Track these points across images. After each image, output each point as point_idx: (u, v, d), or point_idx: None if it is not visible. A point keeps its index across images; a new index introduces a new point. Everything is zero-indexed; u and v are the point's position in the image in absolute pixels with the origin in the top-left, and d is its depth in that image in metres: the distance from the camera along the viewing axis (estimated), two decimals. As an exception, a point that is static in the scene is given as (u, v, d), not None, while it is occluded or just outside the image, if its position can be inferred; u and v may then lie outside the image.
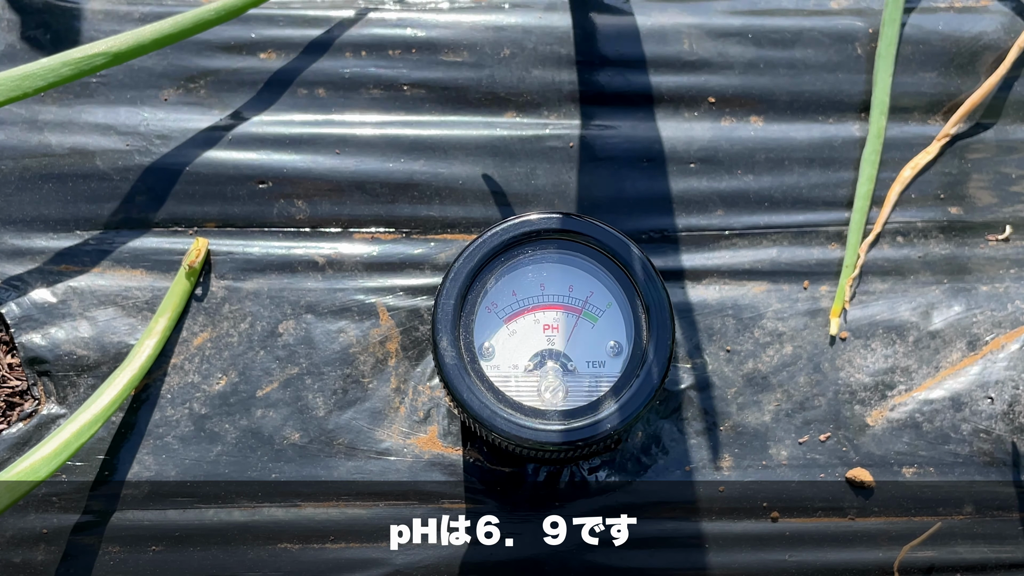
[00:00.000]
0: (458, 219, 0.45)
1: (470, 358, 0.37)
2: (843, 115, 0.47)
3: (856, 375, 0.43)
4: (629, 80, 0.47)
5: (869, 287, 0.45)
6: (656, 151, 0.46)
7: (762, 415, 0.43)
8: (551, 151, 0.46)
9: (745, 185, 0.46)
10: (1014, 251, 0.45)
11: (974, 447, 0.43)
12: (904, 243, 0.45)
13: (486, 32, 0.48)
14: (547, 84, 0.47)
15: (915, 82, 0.47)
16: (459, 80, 0.47)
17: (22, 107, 0.45)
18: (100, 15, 0.47)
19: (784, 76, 0.47)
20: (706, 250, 0.45)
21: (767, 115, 0.47)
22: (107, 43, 0.42)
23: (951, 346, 0.44)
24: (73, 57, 0.42)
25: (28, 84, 0.41)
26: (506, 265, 0.39)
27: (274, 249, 0.44)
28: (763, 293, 0.44)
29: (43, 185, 0.45)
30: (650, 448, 0.42)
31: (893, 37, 0.47)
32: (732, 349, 0.44)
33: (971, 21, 0.48)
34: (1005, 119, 0.47)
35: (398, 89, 0.47)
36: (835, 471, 0.42)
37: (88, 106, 0.46)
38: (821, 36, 0.48)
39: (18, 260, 0.44)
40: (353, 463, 0.42)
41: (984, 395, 0.43)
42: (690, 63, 0.47)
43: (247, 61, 0.47)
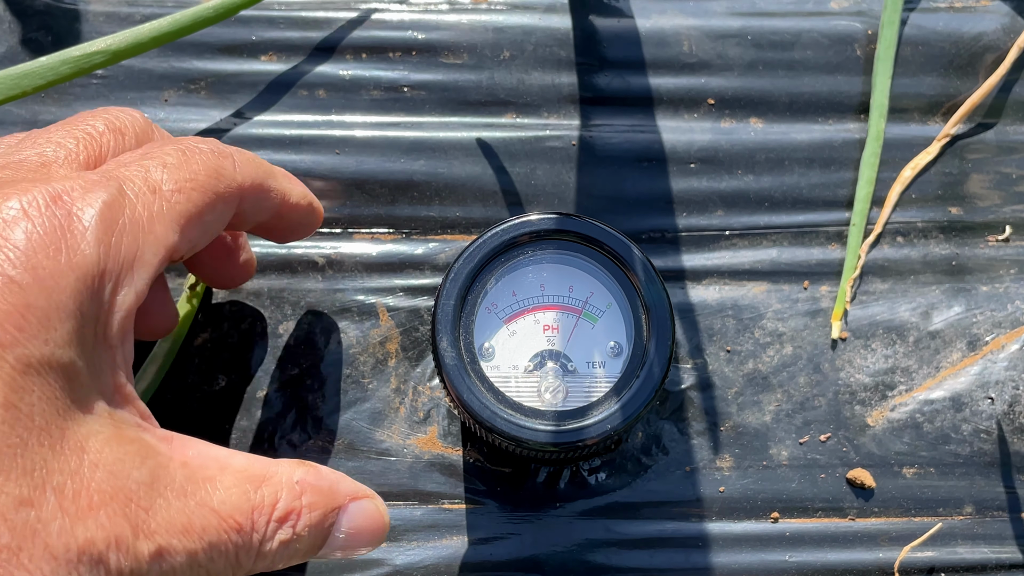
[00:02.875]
0: (458, 219, 0.45)
1: (470, 359, 0.37)
2: (843, 116, 0.47)
3: (856, 375, 0.43)
4: (628, 81, 0.47)
5: (869, 287, 0.45)
6: (656, 152, 0.46)
7: (762, 415, 0.43)
8: (551, 152, 0.46)
9: (745, 185, 0.46)
10: (1014, 251, 0.45)
11: (975, 447, 0.42)
12: (904, 243, 0.45)
13: (486, 34, 0.48)
14: (547, 85, 0.47)
15: (915, 82, 0.48)
16: (459, 81, 0.47)
17: (22, 107, 0.45)
18: (101, 17, 0.47)
19: (784, 77, 0.47)
20: (706, 250, 0.45)
21: (767, 116, 0.47)
22: (106, 41, 0.42)
23: (951, 346, 0.44)
24: (72, 55, 0.42)
25: (27, 83, 0.41)
26: (506, 266, 0.39)
27: (274, 249, 0.44)
28: (763, 293, 0.44)
29: (43, 186, 0.45)
30: (650, 448, 0.42)
31: (892, 39, 0.47)
32: (732, 349, 0.44)
33: (971, 21, 0.48)
34: (1005, 119, 0.47)
35: (398, 90, 0.47)
36: (835, 471, 0.42)
37: (88, 106, 0.46)
38: (820, 37, 0.48)
39: (18, 261, 0.44)
40: (353, 463, 0.42)
41: (984, 395, 0.43)
42: (689, 64, 0.47)
43: (247, 63, 0.47)
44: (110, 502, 0.28)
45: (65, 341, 0.28)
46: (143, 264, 0.30)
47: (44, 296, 0.27)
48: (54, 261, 0.28)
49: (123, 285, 0.30)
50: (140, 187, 0.31)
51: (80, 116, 0.34)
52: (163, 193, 0.31)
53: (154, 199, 0.31)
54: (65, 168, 0.31)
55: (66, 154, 0.32)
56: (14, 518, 0.26)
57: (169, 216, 0.31)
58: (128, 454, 0.29)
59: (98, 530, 0.27)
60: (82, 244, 0.29)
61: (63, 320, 0.28)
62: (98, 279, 0.29)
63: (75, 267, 0.28)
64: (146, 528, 0.28)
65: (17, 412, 0.27)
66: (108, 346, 0.30)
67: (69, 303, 0.28)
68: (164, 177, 0.32)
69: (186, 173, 0.32)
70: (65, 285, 0.28)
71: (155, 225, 0.31)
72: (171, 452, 0.31)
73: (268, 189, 0.36)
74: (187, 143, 0.34)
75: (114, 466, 0.29)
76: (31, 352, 0.27)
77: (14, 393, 0.27)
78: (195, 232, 0.33)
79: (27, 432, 0.27)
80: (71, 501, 0.27)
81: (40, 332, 0.27)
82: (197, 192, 0.32)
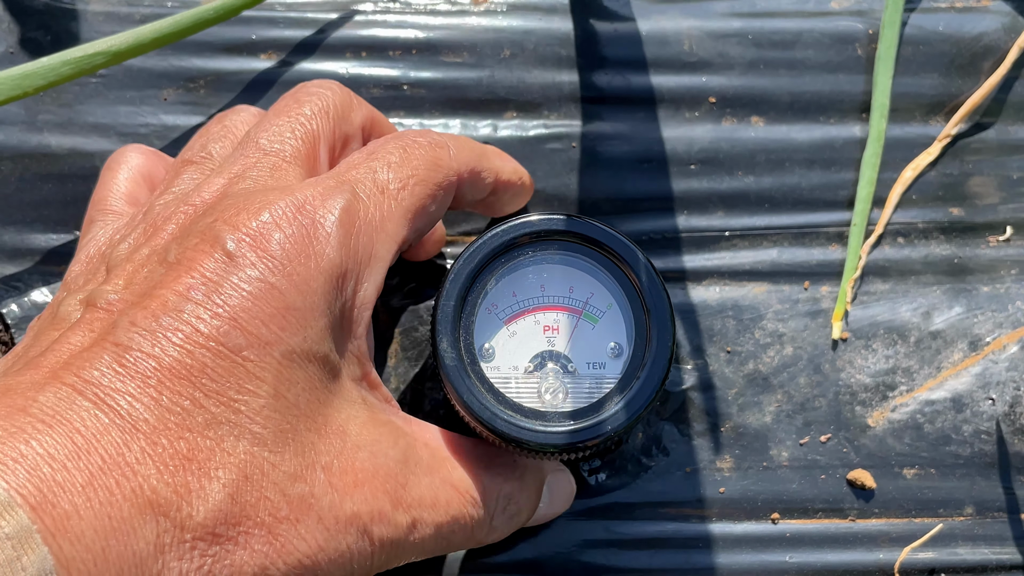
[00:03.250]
0: (458, 219, 0.45)
1: (470, 359, 0.37)
2: (844, 116, 0.47)
3: (857, 376, 0.43)
4: (629, 81, 0.47)
5: (870, 288, 0.45)
6: (657, 152, 0.46)
7: (763, 416, 0.43)
8: (551, 152, 0.46)
9: (745, 186, 0.46)
10: (1015, 252, 0.45)
11: (975, 448, 0.42)
12: (905, 244, 0.45)
13: (486, 33, 0.48)
14: (548, 85, 0.47)
15: (916, 83, 0.47)
16: (460, 80, 0.47)
17: (22, 107, 0.45)
18: (101, 17, 0.47)
19: (785, 77, 0.47)
20: (706, 251, 0.45)
21: (768, 115, 0.47)
22: (106, 42, 0.42)
23: (952, 347, 0.44)
24: (73, 56, 0.42)
25: (28, 83, 0.41)
26: (506, 266, 0.39)
27: (274, 250, 0.44)
28: (763, 294, 0.44)
29: (42, 186, 0.45)
30: (650, 449, 0.42)
31: (893, 39, 0.47)
32: (732, 350, 0.44)
33: (971, 21, 0.48)
34: (1006, 119, 0.47)
35: (398, 89, 0.47)
36: (836, 472, 0.42)
37: (88, 106, 0.46)
38: (821, 37, 0.48)
39: (18, 260, 0.44)
40: (353, 464, 0.42)
41: (985, 396, 0.43)
42: (690, 64, 0.47)
43: (247, 62, 0.47)
44: (371, 479, 0.31)
45: (320, 336, 0.31)
46: (379, 260, 0.33)
47: (300, 298, 0.31)
48: (305, 267, 0.31)
49: (363, 281, 0.33)
50: (370, 188, 0.34)
51: (286, 103, 0.37)
52: (390, 192, 0.34)
53: (383, 199, 0.34)
54: (294, 168, 0.35)
55: (292, 151, 0.35)
56: (291, 493, 0.29)
57: (398, 212, 0.34)
58: (383, 435, 0.33)
59: (363, 504, 0.31)
60: (327, 248, 0.32)
61: (317, 318, 0.31)
62: (342, 279, 0.32)
63: (323, 270, 0.31)
64: (403, 502, 0.32)
65: (286, 401, 0.30)
66: (354, 337, 0.33)
67: (320, 303, 0.31)
68: (390, 176, 0.34)
69: (408, 170, 0.35)
70: (316, 287, 0.31)
71: (386, 223, 0.34)
72: (415, 433, 0.34)
73: (482, 171, 0.38)
74: (406, 139, 0.36)
75: (373, 447, 0.32)
76: (294, 348, 0.30)
77: (282, 384, 0.30)
78: (421, 223, 0.36)
79: (295, 418, 0.30)
80: (338, 478, 0.31)
81: (300, 330, 0.30)
82: (420, 186, 0.35)
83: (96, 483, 0.26)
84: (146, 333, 0.29)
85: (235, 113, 0.39)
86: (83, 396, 0.28)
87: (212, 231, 0.31)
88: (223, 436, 0.29)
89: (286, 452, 0.30)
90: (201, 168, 0.37)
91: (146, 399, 0.28)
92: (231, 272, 0.30)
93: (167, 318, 0.29)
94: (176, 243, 0.32)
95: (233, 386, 0.29)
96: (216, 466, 0.28)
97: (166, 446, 0.28)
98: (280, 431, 0.30)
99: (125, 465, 0.27)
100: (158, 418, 0.28)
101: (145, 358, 0.28)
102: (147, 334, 0.29)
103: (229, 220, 0.31)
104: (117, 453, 0.27)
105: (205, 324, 0.29)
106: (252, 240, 0.31)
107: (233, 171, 0.34)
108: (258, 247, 0.31)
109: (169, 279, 0.30)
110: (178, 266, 0.30)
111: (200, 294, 0.30)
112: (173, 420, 0.28)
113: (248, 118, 0.39)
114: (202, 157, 0.37)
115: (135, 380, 0.28)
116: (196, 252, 0.31)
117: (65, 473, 0.26)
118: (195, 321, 0.29)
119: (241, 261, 0.30)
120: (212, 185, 0.34)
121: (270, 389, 0.30)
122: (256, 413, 0.29)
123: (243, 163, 0.35)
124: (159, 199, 0.36)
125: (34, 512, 0.25)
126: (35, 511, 0.25)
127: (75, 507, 0.26)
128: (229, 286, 0.30)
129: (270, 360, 0.30)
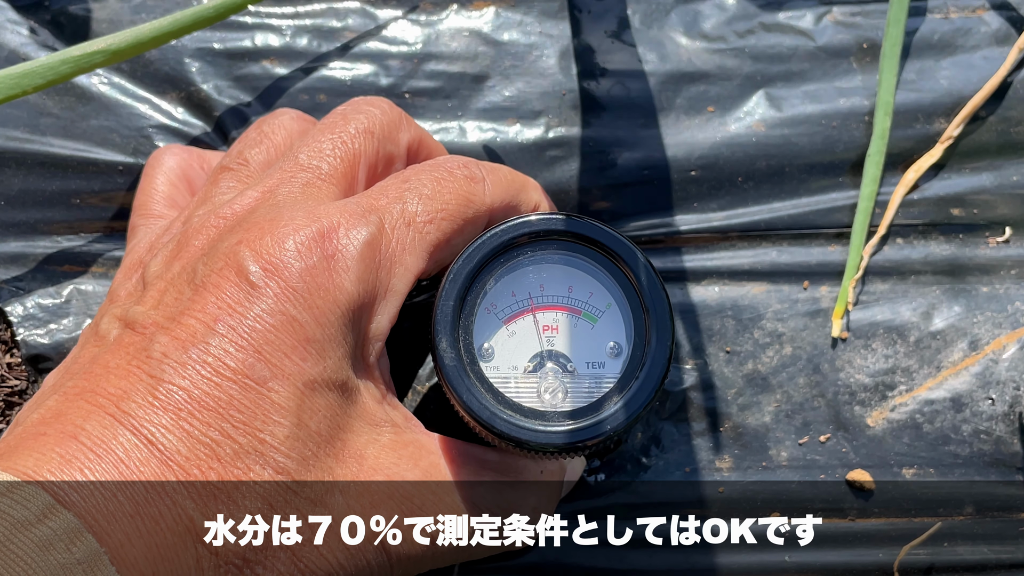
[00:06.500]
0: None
1: (469, 359, 0.37)
2: (845, 119, 0.47)
3: (856, 376, 0.43)
4: (629, 88, 0.47)
5: (870, 288, 0.45)
6: (657, 159, 0.46)
7: (762, 416, 0.43)
8: (552, 159, 0.46)
9: (745, 189, 0.46)
10: (1015, 252, 0.45)
11: (974, 448, 0.42)
12: (905, 244, 0.45)
13: (488, 40, 0.48)
14: (548, 92, 0.47)
15: (917, 85, 0.47)
16: (461, 89, 0.47)
17: (22, 107, 0.46)
18: (101, 16, 0.47)
19: (782, 88, 0.47)
20: (706, 251, 0.45)
21: (767, 122, 0.47)
22: (106, 40, 0.42)
23: (952, 347, 0.44)
24: (72, 55, 0.42)
25: (28, 82, 0.41)
26: (505, 266, 0.38)
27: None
28: (763, 294, 0.44)
29: (43, 186, 0.45)
30: (650, 449, 0.42)
31: (898, 37, 0.47)
32: (732, 350, 0.44)
33: (972, 22, 0.48)
34: (1006, 120, 0.47)
35: (400, 96, 0.47)
36: (835, 472, 0.42)
37: (87, 106, 0.46)
38: (817, 49, 0.48)
39: (20, 260, 0.44)
40: (352, 464, 0.42)
41: (985, 396, 0.43)
42: (689, 74, 0.47)
43: (249, 67, 0.47)
44: (388, 500, 0.33)
45: (338, 365, 0.32)
46: (394, 293, 0.34)
47: (319, 330, 0.32)
48: (323, 300, 0.32)
49: (376, 313, 0.34)
50: (397, 220, 0.34)
51: (334, 119, 0.37)
52: (416, 225, 0.35)
53: (408, 231, 0.34)
54: (328, 186, 0.35)
55: (328, 169, 0.36)
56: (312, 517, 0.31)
57: (420, 246, 0.35)
58: (403, 458, 0.34)
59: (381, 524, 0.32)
60: (345, 282, 0.32)
61: (335, 348, 0.32)
62: (357, 311, 0.33)
63: (340, 303, 0.32)
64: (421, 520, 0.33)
65: (308, 430, 0.31)
66: (367, 365, 0.34)
67: (337, 334, 0.32)
68: (419, 209, 0.35)
69: (438, 204, 0.35)
70: (334, 319, 0.32)
71: (406, 256, 0.34)
72: (439, 450, 0.35)
73: (519, 204, 0.38)
74: (443, 169, 0.36)
75: (390, 470, 0.33)
76: (315, 377, 0.31)
77: (305, 413, 0.31)
78: (443, 255, 0.36)
79: (316, 446, 0.32)
80: (355, 500, 0.32)
81: (319, 360, 0.32)
82: (447, 221, 0.35)
83: (143, 512, 0.28)
84: (177, 366, 0.30)
85: (274, 117, 0.40)
86: (123, 426, 0.29)
87: (236, 256, 0.32)
88: (250, 466, 0.30)
89: (307, 478, 0.31)
90: (237, 175, 0.37)
91: (179, 431, 0.30)
92: (254, 302, 0.31)
93: (196, 350, 0.31)
94: (203, 262, 0.33)
95: (259, 417, 0.31)
96: (243, 496, 0.30)
97: (198, 476, 0.30)
98: (302, 459, 0.31)
99: (165, 495, 0.29)
100: (189, 449, 0.30)
101: (177, 391, 0.30)
102: (178, 367, 0.30)
103: (252, 244, 0.32)
104: (158, 483, 0.29)
105: (231, 358, 0.31)
106: (274, 270, 0.32)
107: (267, 184, 0.35)
108: (279, 277, 0.32)
109: (196, 306, 0.32)
110: (204, 290, 0.32)
111: (225, 326, 0.31)
112: (203, 451, 0.30)
113: (287, 122, 0.39)
114: (239, 164, 0.38)
115: (168, 412, 0.30)
116: (221, 278, 0.32)
117: (116, 503, 0.28)
118: (222, 354, 0.31)
119: (264, 292, 0.31)
120: (245, 198, 0.35)
121: (294, 419, 0.31)
122: (280, 443, 0.31)
123: (279, 177, 0.35)
124: (197, 209, 0.37)
125: (97, 539, 0.27)
126: (99, 538, 0.27)
127: (127, 535, 0.28)
128: (253, 318, 0.31)
129: (293, 390, 0.31)
